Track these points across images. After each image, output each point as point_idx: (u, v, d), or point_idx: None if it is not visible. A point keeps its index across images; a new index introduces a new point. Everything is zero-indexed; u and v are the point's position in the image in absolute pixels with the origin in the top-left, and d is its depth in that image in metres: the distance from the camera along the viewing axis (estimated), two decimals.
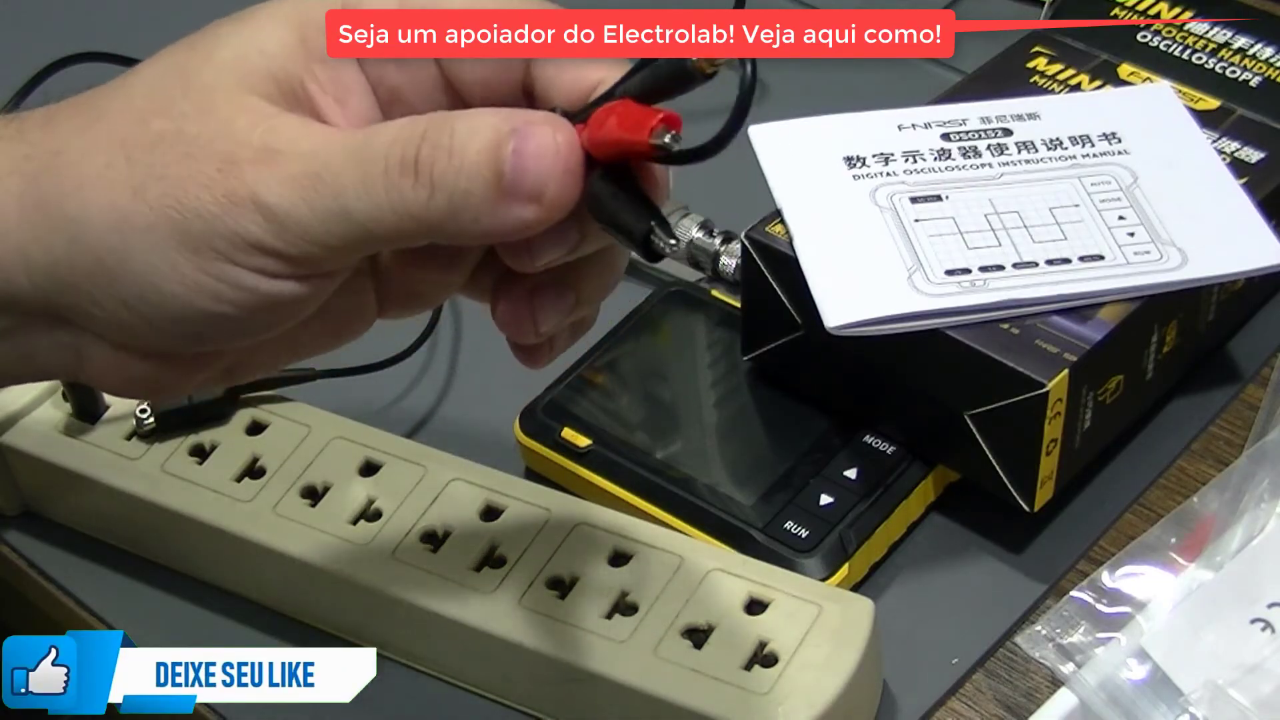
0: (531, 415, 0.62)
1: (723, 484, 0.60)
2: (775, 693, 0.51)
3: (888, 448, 0.60)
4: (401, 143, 0.38)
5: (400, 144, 0.38)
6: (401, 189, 0.38)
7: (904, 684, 0.55)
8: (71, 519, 0.62)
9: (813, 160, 0.62)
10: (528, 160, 0.38)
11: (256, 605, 0.59)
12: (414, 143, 0.38)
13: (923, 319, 0.56)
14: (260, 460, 0.60)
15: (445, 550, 0.56)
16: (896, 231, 0.59)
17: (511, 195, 0.38)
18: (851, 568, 0.57)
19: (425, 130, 0.38)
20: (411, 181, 0.38)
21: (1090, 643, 0.54)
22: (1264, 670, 0.52)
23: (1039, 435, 0.56)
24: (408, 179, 0.38)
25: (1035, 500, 0.57)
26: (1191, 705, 0.52)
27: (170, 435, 0.61)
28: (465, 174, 0.38)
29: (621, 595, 0.54)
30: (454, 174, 0.38)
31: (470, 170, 0.38)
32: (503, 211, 0.38)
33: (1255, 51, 0.69)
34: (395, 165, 0.38)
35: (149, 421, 0.60)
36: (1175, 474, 0.62)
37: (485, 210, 0.38)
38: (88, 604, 0.60)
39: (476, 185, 0.38)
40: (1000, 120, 0.64)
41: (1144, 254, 0.59)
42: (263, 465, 0.60)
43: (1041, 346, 0.56)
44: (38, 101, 0.77)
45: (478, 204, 0.38)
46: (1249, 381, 0.65)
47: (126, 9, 0.87)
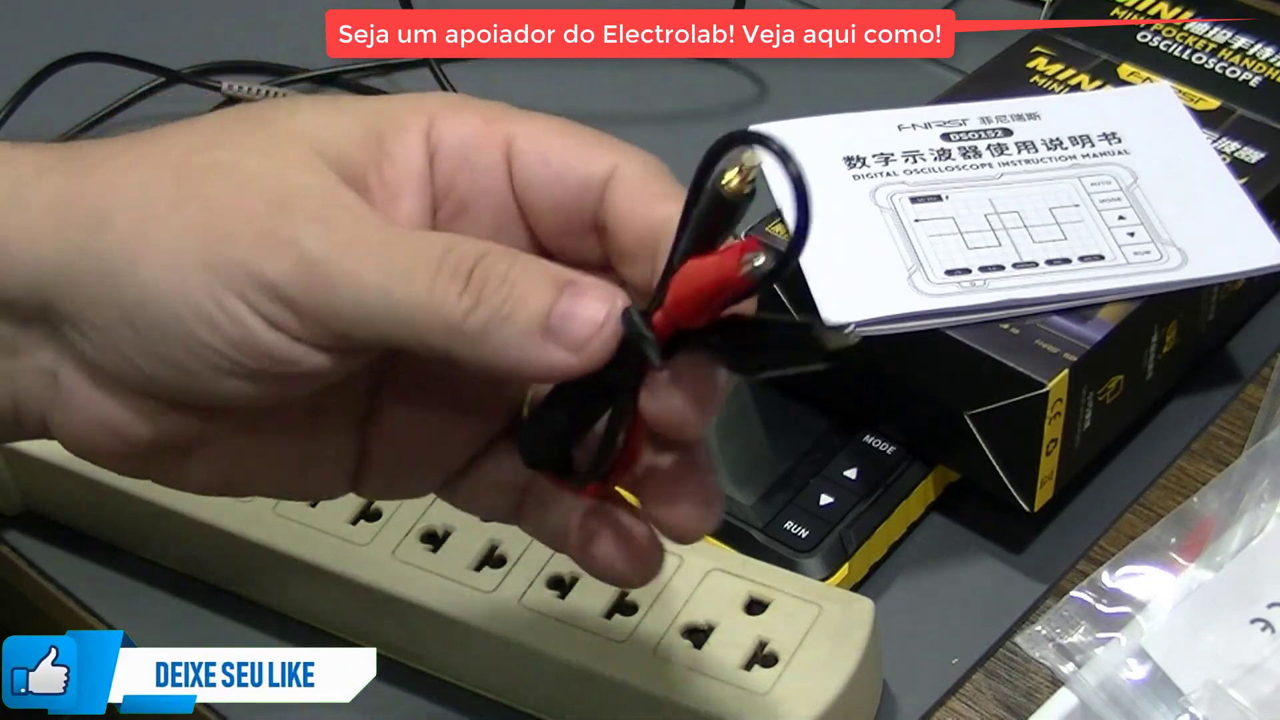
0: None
1: (723, 484, 0.60)
2: (775, 693, 0.51)
3: (888, 448, 0.60)
4: (461, 251, 0.38)
5: (460, 252, 0.38)
6: (447, 291, 0.37)
7: (904, 684, 0.55)
8: (71, 519, 0.62)
9: (813, 160, 0.62)
10: (578, 313, 0.37)
11: (256, 605, 0.59)
12: (473, 256, 0.37)
13: (923, 319, 0.56)
14: None
15: (445, 550, 0.56)
16: (896, 231, 0.59)
17: (552, 337, 0.37)
18: (851, 568, 0.57)
19: (489, 250, 0.38)
20: (459, 289, 0.37)
21: (1090, 643, 0.54)
22: (1264, 670, 0.52)
23: (1039, 435, 0.56)
24: (455, 284, 0.37)
25: (1035, 500, 0.57)
26: (1191, 705, 0.52)
27: None
28: (513, 301, 0.37)
29: (621, 595, 0.54)
30: (502, 297, 0.37)
31: (518, 301, 0.37)
32: (537, 348, 0.37)
33: (1255, 51, 0.69)
34: (449, 269, 0.37)
35: None
36: (1175, 474, 0.62)
37: (519, 342, 0.37)
38: (88, 604, 0.60)
39: (521, 316, 0.37)
40: (1000, 120, 0.64)
41: (1144, 254, 0.59)
42: None
43: (1041, 346, 0.56)
44: (38, 101, 0.77)
45: (515, 332, 0.37)
46: (1249, 381, 0.65)
47: (126, 9, 0.87)
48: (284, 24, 0.84)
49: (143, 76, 0.80)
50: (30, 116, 0.77)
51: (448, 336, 0.37)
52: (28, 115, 0.77)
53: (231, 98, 0.79)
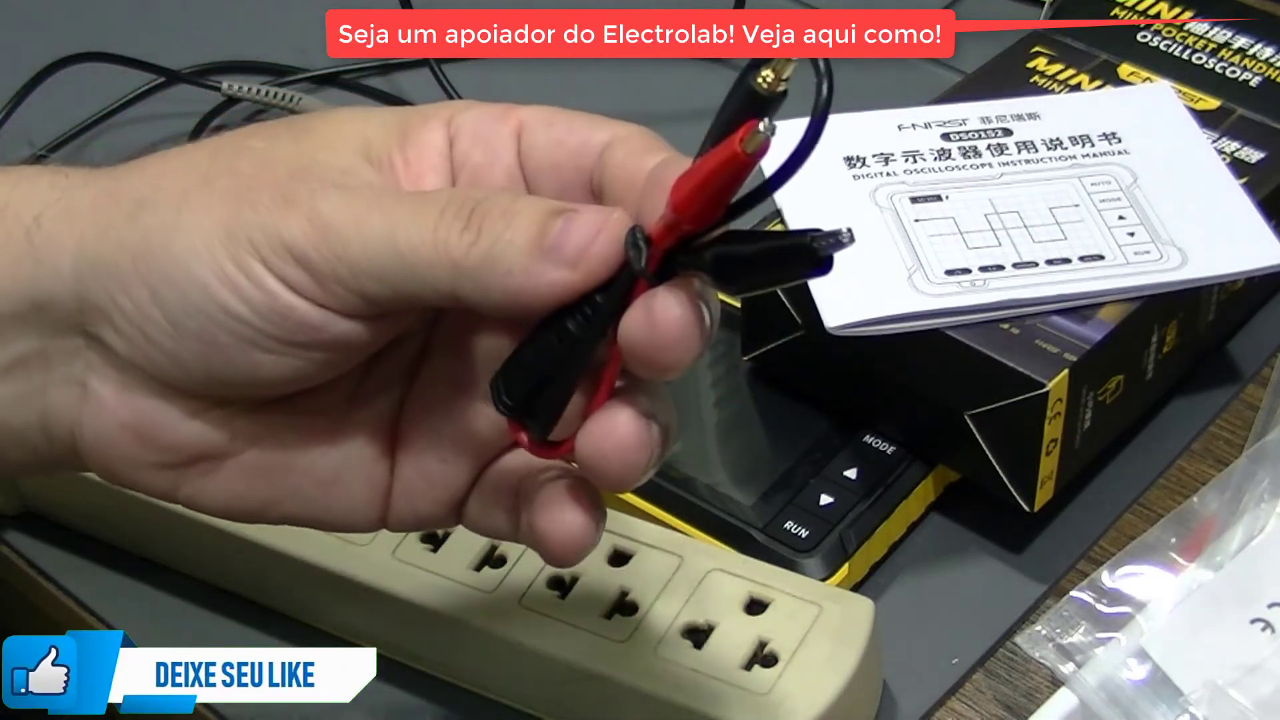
0: None
1: (723, 484, 0.60)
2: (775, 693, 0.51)
3: (888, 448, 0.60)
4: (462, 195, 0.39)
5: (461, 196, 0.39)
6: (450, 230, 0.38)
7: (904, 684, 0.55)
8: (71, 519, 0.62)
9: (813, 160, 0.62)
10: (573, 228, 0.38)
11: (256, 605, 0.59)
12: (475, 197, 0.39)
13: (923, 319, 0.56)
14: None
15: (445, 550, 0.56)
16: (896, 231, 0.59)
17: (550, 255, 0.38)
18: (851, 568, 0.57)
19: (490, 192, 0.39)
20: (461, 226, 0.38)
21: (1090, 643, 0.54)
22: (1264, 670, 0.52)
23: (1039, 435, 0.56)
24: (458, 223, 0.38)
25: (1035, 500, 0.57)
26: (1191, 705, 0.52)
27: None
28: (511, 228, 0.38)
29: (621, 595, 0.54)
30: (502, 226, 0.38)
31: (517, 226, 0.38)
32: (537, 268, 0.38)
33: (1255, 51, 0.69)
34: (451, 211, 0.39)
35: None
36: (1175, 474, 0.62)
37: (521, 263, 0.38)
38: (88, 604, 0.60)
39: (519, 238, 0.38)
40: (1000, 120, 0.64)
41: (1144, 254, 0.59)
42: None
43: (1041, 346, 0.56)
44: (38, 101, 0.77)
45: (515, 255, 0.38)
46: (1249, 381, 0.65)
47: (126, 9, 0.87)
48: (284, 24, 0.84)
49: (143, 76, 0.80)
50: (30, 116, 0.77)
51: (453, 273, 0.38)
52: (28, 115, 0.77)
53: (231, 98, 0.79)
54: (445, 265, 0.38)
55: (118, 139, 0.79)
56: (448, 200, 0.39)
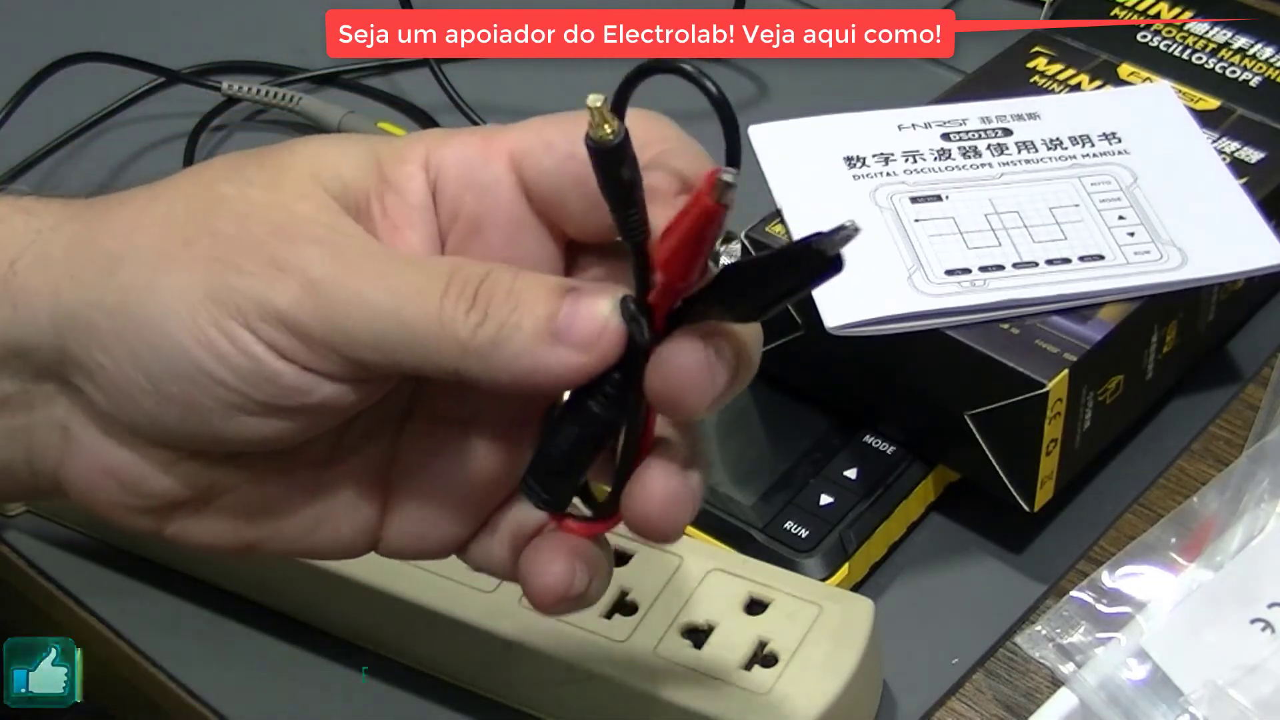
0: None
1: (723, 484, 0.60)
2: (775, 693, 0.51)
3: (888, 448, 0.60)
4: (466, 271, 0.38)
5: (465, 272, 0.38)
6: (456, 310, 0.37)
7: (904, 684, 0.55)
8: (71, 519, 0.62)
9: (813, 160, 0.62)
10: (582, 308, 0.37)
11: (256, 605, 0.59)
12: (478, 275, 0.38)
13: (923, 319, 0.56)
14: None
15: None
16: (896, 231, 0.59)
17: (561, 339, 0.37)
18: (851, 568, 0.57)
19: (492, 269, 0.38)
20: (466, 306, 0.37)
21: (1090, 643, 0.54)
22: (1264, 670, 0.52)
23: (1039, 435, 0.56)
24: (463, 303, 0.37)
25: (1035, 500, 0.57)
26: (1191, 705, 0.52)
27: None
28: (518, 310, 0.37)
29: (621, 595, 0.54)
30: (509, 309, 0.37)
31: (524, 309, 0.37)
32: (547, 352, 0.37)
33: (1255, 51, 0.69)
34: (455, 288, 0.37)
35: None
36: (1175, 474, 0.62)
37: (529, 348, 0.37)
38: (88, 604, 0.60)
39: (527, 322, 0.37)
40: (1000, 120, 0.64)
41: (1144, 254, 0.59)
42: None
43: (1041, 346, 0.56)
44: (38, 101, 0.77)
45: (523, 339, 0.37)
46: (1249, 381, 0.65)
47: (126, 9, 0.87)
48: (284, 24, 0.84)
49: (143, 76, 0.80)
50: (30, 116, 0.77)
51: (458, 354, 0.37)
52: (28, 115, 0.77)
53: (231, 98, 0.79)
54: (451, 346, 0.37)
55: (118, 139, 0.79)
56: (450, 275, 0.38)
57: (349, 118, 0.76)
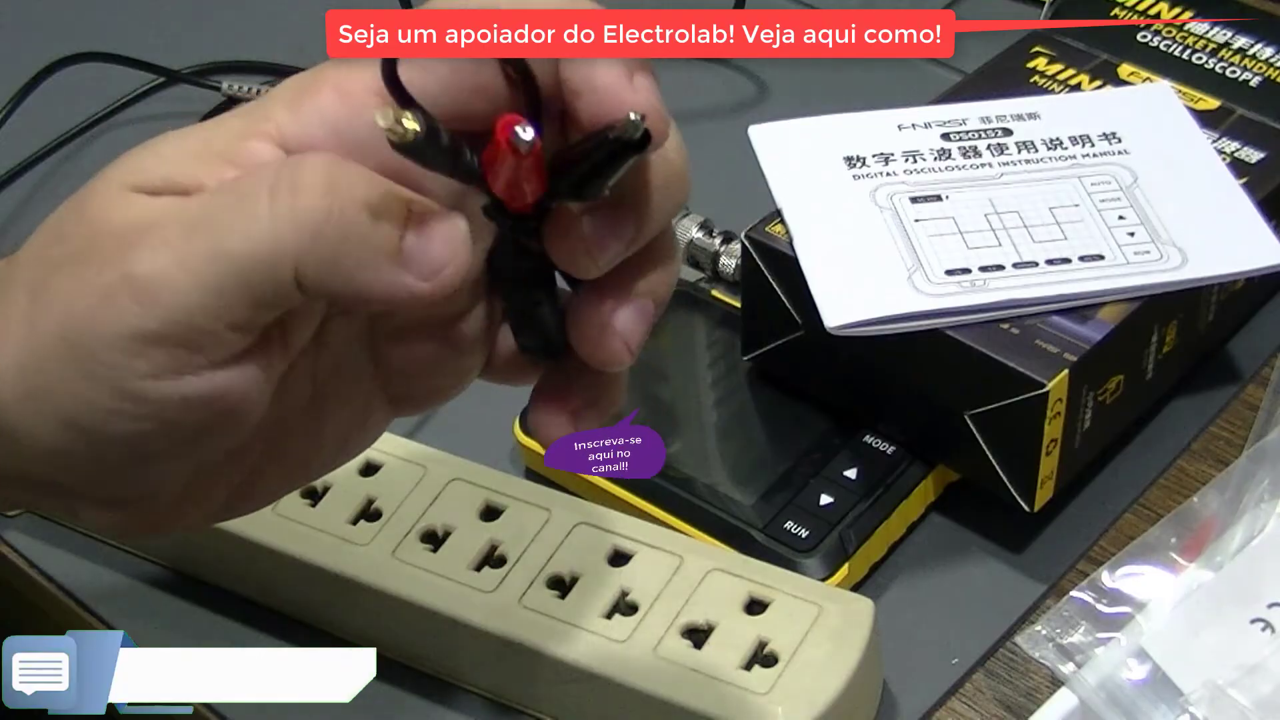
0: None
1: (723, 484, 0.60)
2: (775, 693, 0.51)
3: (888, 448, 0.60)
4: (292, 164, 0.36)
5: (290, 165, 0.36)
6: (277, 208, 0.35)
7: (904, 684, 0.55)
8: (71, 519, 0.62)
9: (813, 160, 0.62)
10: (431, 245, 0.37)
11: (256, 605, 0.59)
12: (309, 162, 0.36)
13: (923, 319, 0.56)
14: None
15: (445, 550, 0.56)
16: (896, 231, 0.59)
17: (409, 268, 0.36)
18: (851, 568, 0.57)
19: (321, 158, 0.36)
20: (289, 201, 0.35)
21: (1090, 643, 0.54)
22: (1264, 670, 0.52)
23: (1039, 435, 0.56)
24: (284, 197, 0.35)
25: (1035, 500, 0.57)
26: (1191, 705, 0.52)
27: None
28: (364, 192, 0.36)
29: (621, 595, 0.54)
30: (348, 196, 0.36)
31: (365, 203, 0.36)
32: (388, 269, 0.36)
33: (1255, 51, 0.69)
34: (284, 184, 0.35)
35: None
36: (1175, 474, 0.62)
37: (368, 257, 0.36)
38: (88, 604, 0.60)
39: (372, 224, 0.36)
40: (1000, 120, 0.64)
41: (1144, 254, 0.59)
42: None
43: (1041, 346, 0.56)
44: (38, 101, 0.77)
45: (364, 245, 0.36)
46: (1249, 381, 0.65)
47: (126, 9, 0.87)
48: (284, 24, 0.84)
49: (143, 76, 0.80)
50: (30, 116, 0.77)
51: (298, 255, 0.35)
52: (28, 115, 0.77)
53: (231, 98, 0.79)
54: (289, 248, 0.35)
55: (118, 139, 0.79)
56: (274, 175, 0.35)
57: None
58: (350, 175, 0.36)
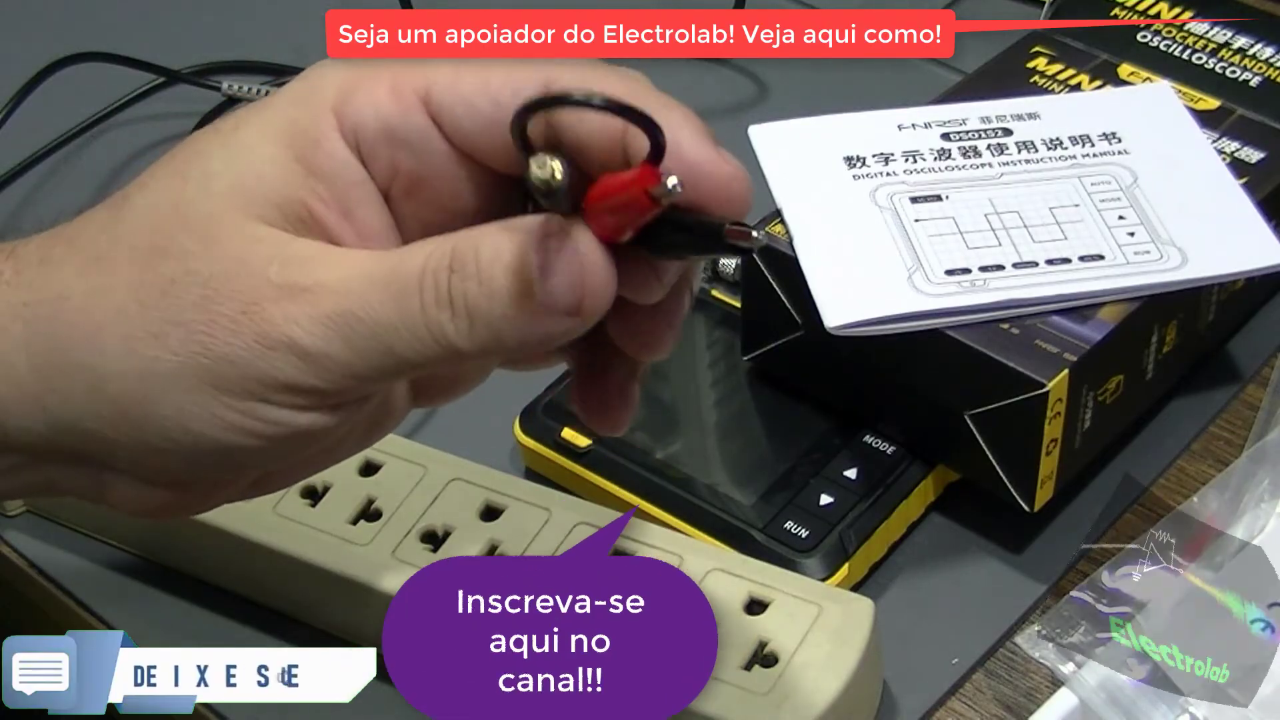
0: (531, 415, 0.62)
1: (723, 484, 0.60)
2: (775, 693, 0.51)
3: (888, 448, 0.60)
4: (432, 274, 0.38)
5: (431, 275, 0.38)
6: (441, 323, 0.37)
7: (904, 684, 0.55)
8: (71, 519, 0.62)
9: (813, 160, 0.62)
10: (555, 274, 0.37)
11: (256, 605, 0.59)
12: (444, 275, 0.37)
13: (923, 319, 0.56)
14: None
15: (445, 550, 0.56)
16: (896, 231, 0.59)
17: (547, 310, 0.37)
18: (851, 568, 0.57)
19: (451, 260, 0.38)
20: (450, 315, 0.37)
21: (1090, 643, 0.54)
22: (1264, 670, 0.52)
23: (1039, 435, 0.56)
24: (445, 313, 0.37)
25: (1035, 500, 0.57)
26: (1191, 705, 0.52)
27: None
28: (498, 300, 0.37)
29: None
30: (487, 301, 0.37)
31: (500, 295, 0.37)
32: (541, 324, 0.37)
33: (1255, 51, 0.69)
34: (431, 301, 0.37)
35: None
36: (1175, 474, 0.62)
37: (524, 327, 0.37)
38: (88, 604, 0.60)
39: (511, 309, 0.37)
40: (1000, 120, 0.64)
41: (1144, 254, 0.59)
42: None
43: (1041, 346, 0.56)
44: (38, 101, 0.77)
45: (516, 324, 0.37)
46: (1249, 381, 0.65)
47: (126, 9, 0.87)
48: (284, 24, 0.84)
49: (143, 76, 0.80)
50: (30, 116, 0.77)
51: (465, 355, 0.38)
52: (28, 115, 0.77)
53: (231, 98, 0.79)
54: (455, 354, 0.38)
55: (118, 139, 0.79)
56: (420, 287, 0.37)
57: None
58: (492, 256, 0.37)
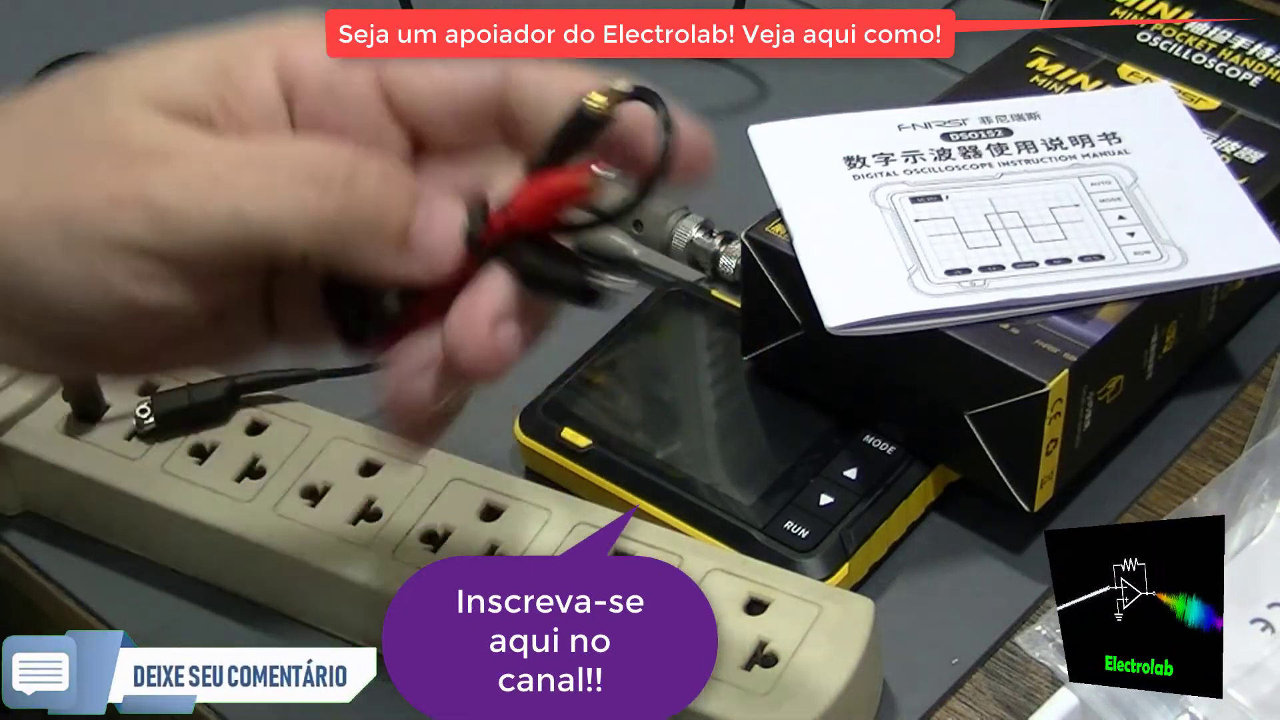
0: (532, 415, 0.62)
1: (723, 484, 0.60)
2: (775, 693, 0.51)
3: (888, 448, 0.60)
4: (322, 155, 0.38)
5: (320, 155, 0.38)
6: (307, 197, 0.38)
7: (904, 684, 0.55)
8: (71, 519, 0.62)
9: (813, 160, 0.62)
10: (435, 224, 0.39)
11: (257, 605, 0.59)
12: (339, 160, 0.38)
13: (923, 319, 0.56)
14: (260, 460, 0.60)
15: (445, 550, 0.56)
16: (896, 231, 0.59)
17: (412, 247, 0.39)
18: (851, 568, 0.57)
19: (353, 156, 0.39)
20: (319, 193, 0.38)
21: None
22: (1264, 670, 0.52)
23: (1039, 435, 0.56)
24: (315, 189, 0.38)
25: (1035, 500, 0.57)
26: (1191, 705, 0.52)
27: (170, 435, 0.61)
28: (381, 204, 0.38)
29: None
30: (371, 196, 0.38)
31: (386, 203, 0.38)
32: (394, 256, 0.39)
33: (1255, 51, 0.69)
34: (306, 175, 0.38)
35: (149, 422, 0.60)
36: (1175, 474, 0.62)
37: (381, 247, 0.38)
38: (88, 604, 0.60)
39: (388, 221, 0.38)
40: (1000, 120, 0.64)
41: (1144, 254, 0.59)
42: (263, 465, 0.60)
43: (1041, 346, 0.56)
44: None
45: (379, 238, 0.38)
46: (1249, 381, 0.65)
47: (126, 9, 0.87)
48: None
49: None
50: None
51: (310, 237, 0.38)
52: None
53: None
54: (304, 231, 0.38)
55: None
56: (301, 160, 0.38)
57: None
58: (372, 171, 0.39)
